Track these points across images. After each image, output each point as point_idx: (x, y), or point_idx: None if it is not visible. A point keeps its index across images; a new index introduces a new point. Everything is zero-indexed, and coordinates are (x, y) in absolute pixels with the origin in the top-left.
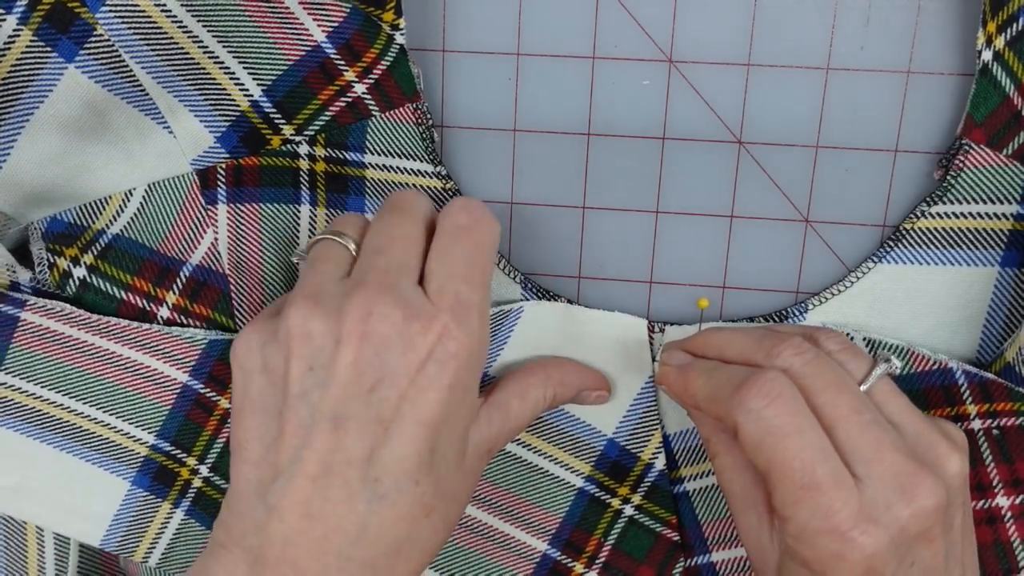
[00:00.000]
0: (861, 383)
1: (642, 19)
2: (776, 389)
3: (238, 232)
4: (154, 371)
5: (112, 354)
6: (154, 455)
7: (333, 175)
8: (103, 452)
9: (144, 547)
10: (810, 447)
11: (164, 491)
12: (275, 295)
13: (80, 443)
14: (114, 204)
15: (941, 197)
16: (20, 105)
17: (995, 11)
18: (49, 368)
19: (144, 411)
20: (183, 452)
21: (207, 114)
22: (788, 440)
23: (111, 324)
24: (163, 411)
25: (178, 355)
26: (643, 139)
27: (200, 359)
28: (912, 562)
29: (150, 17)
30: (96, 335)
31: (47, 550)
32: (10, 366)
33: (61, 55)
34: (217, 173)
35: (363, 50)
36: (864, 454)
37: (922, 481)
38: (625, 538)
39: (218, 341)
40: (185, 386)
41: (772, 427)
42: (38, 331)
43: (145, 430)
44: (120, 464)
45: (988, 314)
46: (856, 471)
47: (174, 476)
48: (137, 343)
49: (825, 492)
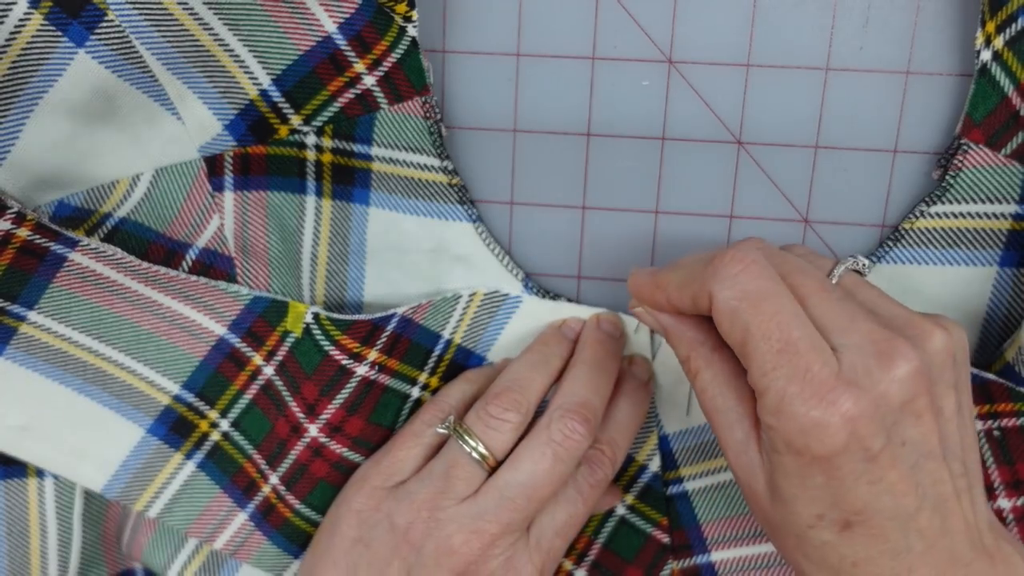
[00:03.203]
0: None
1: (642, 19)
2: (750, 255)
3: (244, 219)
4: (192, 322)
5: (152, 302)
6: (175, 405)
7: (340, 167)
8: (122, 398)
9: (147, 496)
10: (785, 311)
11: (179, 442)
12: (282, 280)
13: (100, 387)
14: (121, 188)
15: (940, 197)
16: (29, 89)
17: (994, 11)
18: (84, 311)
19: (174, 360)
20: (206, 404)
21: (216, 101)
22: (764, 303)
23: (158, 273)
24: (193, 362)
25: (220, 308)
26: (643, 139)
27: (242, 314)
28: (903, 441)
29: (161, 4)
30: (140, 282)
31: (49, 537)
32: (45, 306)
33: (71, 40)
34: (224, 161)
35: (374, 42)
36: (838, 324)
37: (899, 346)
38: (615, 538)
39: (262, 298)
40: (221, 339)
41: (748, 291)
42: (82, 272)
43: (171, 379)
44: (138, 411)
45: (987, 314)
46: (832, 342)
47: (192, 428)
48: (180, 293)
49: (802, 355)
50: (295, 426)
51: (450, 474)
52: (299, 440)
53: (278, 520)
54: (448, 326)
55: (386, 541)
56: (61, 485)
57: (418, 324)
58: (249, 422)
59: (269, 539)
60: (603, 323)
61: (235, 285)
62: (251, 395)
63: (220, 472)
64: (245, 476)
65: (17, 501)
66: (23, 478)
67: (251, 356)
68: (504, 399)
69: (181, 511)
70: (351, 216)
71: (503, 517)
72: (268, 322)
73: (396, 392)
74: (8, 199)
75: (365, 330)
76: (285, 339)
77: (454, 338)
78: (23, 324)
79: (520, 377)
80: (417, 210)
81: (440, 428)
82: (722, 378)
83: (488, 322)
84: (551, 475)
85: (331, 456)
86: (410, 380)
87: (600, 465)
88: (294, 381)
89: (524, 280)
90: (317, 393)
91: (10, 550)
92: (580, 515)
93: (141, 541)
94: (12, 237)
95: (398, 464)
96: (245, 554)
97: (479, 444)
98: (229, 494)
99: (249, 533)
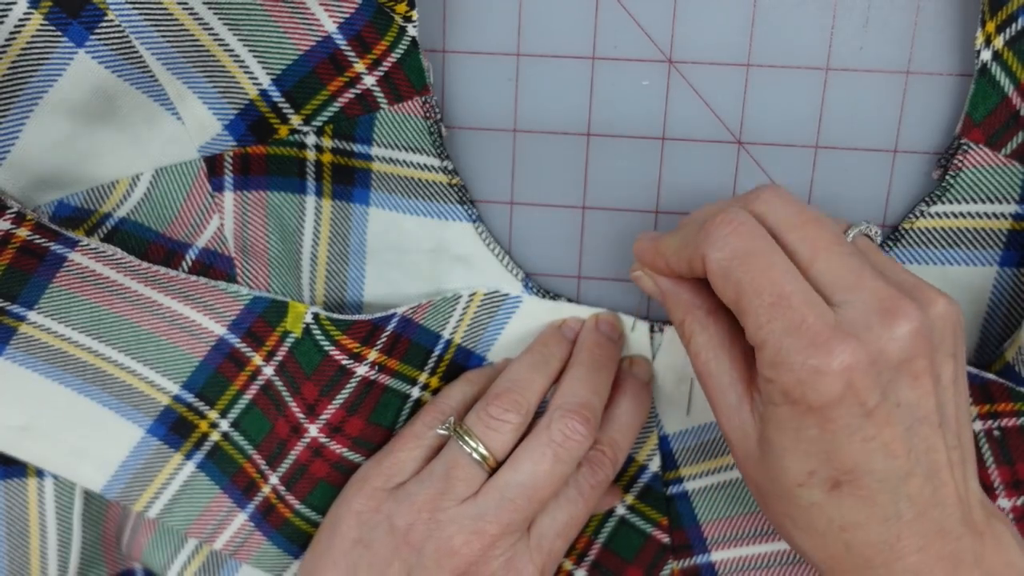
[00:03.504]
0: None
1: (642, 19)
2: (740, 217)
3: (244, 219)
4: (192, 322)
5: (152, 302)
6: (175, 405)
7: (340, 167)
8: (122, 398)
9: (147, 497)
10: (777, 267)
11: (179, 442)
12: (281, 280)
13: (100, 387)
14: (121, 188)
15: (940, 197)
16: (29, 89)
17: (994, 11)
18: (84, 311)
19: (173, 361)
20: (206, 405)
21: (216, 101)
22: (754, 259)
23: (158, 273)
24: (193, 362)
25: (220, 308)
26: (643, 139)
27: (241, 314)
28: (898, 402)
29: (161, 3)
30: (140, 282)
31: (49, 537)
32: (45, 306)
33: (71, 40)
34: (224, 161)
35: (374, 42)
36: (846, 280)
37: (904, 305)
38: (615, 537)
39: (262, 298)
40: (221, 339)
41: (738, 250)
42: (82, 272)
43: (171, 379)
44: (137, 411)
45: (987, 313)
46: (834, 299)
47: (191, 428)
48: (180, 293)
49: (796, 308)
50: (295, 426)
51: (450, 475)
52: (299, 440)
53: (278, 520)
54: (448, 326)
55: (386, 542)
56: (61, 485)
57: (418, 324)
58: (249, 422)
59: (269, 539)
60: (601, 324)
61: (235, 285)
62: (251, 395)
63: (220, 472)
64: (245, 476)
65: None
66: (23, 478)
67: (251, 356)
68: (504, 400)
69: (181, 511)
70: (351, 216)
71: (503, 518)
72: (268, 322)
73: (396, 392)
74: (8, 199)
75: (365, 330)
76: (285, 339)
77: (454, 338)
78: (23, 324)
79: (520, 378)
80: (417, 210)
81: (440, 430)
82: (716, 341)
83: (488, 322)
84: (551, 475)
85: (331, 456)
86: (410, 380)
87: (601, 466)
88: (294, 381)
89: (524, 280)
90: (317, 393)
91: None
92: (581, 516)
93: (141, 541)
94: (12, 237)
95: (399, 465)
96: (245, 554)
97: (479, 445)
98: (229, 494)
99: (249, 533)
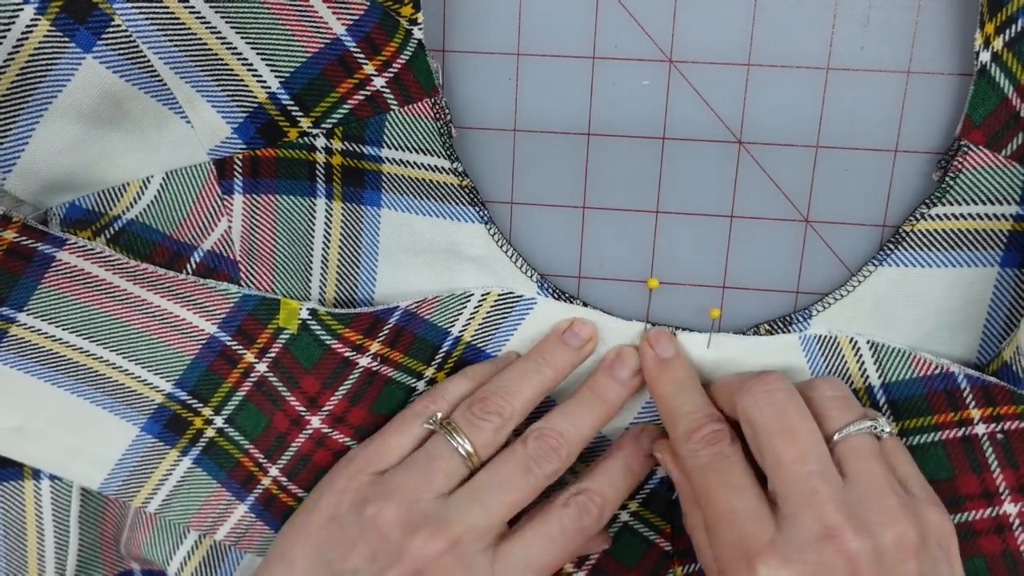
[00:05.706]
0: (837, 432)
1: (642, 19)
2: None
3: (252, 222)
4: (182, 320)
5: (142, 301)
6: (169, 403)
7: (349, 169)
8: (116, 397)
9: (145, 493)
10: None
11: (174, 439)
12: (286, 284)
13: (93, 387)
14: (132, 191)
15: (940, 198)
16: (38, 95)
17: (993, 12)
18: (74, 311)
19: (166, 359)
20: (199, 402)
21: (225, 105)
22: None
23: (147, 271)
24: (185, 360)
25: (210, 306)
26: (643, 139)
27: (231, 312)
28: None
29: (168, 8)
30: (129, 281)
31: (46, 539)
32: (34, 307)
33: (79, 45)
34: (234, 164)
35: (383, 44)
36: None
37: (844, 534)
38: (618, 543)
39: (252, 296)
40: (212, 337)
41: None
42: (71, 272)
43: (163, 378)
44: (132, 410)
45: (988, 314)
46: (784, 512)
47: (186, 425)
48: (170, 291)
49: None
50: (295, 419)
51: (432, 466)
52: (300, 432)
53: (281, 509)
54: (458, 323)
55: (357, 524)
56: (58, 487)
57: (423, 319)
58: (244, 418)
59: (272, 528)
60: (615, 365)
61: (224, 283)
62: (244, 392)
63: (217, 467)
64: (242, 470)
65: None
66: (19, 480)
67: (243, 354)
68: (489, 404)
69: (180, 506)
70: (363, 218)
71: (469, 518)
72: (258, 320)
73: (400, 384)
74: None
75: (367, 322)
76: (278, 336)
77: (464, 335)
78: (13, 326)
79: (509, 384)
80: (429, 211)
81: (428, 424)
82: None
83: (501, 322)
84: (524, 482)
85: (334, 446)
86: (415, 374)
87: (587, 513)
88: (291, 376)
89: (539, 282)
90: (319, 386)
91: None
92: (557, 555)
93: (140, 537)
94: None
95: (384, 451)
96: (248, 543)
97: (465, 441)
98: (227, 488)
99: (250, 524)
